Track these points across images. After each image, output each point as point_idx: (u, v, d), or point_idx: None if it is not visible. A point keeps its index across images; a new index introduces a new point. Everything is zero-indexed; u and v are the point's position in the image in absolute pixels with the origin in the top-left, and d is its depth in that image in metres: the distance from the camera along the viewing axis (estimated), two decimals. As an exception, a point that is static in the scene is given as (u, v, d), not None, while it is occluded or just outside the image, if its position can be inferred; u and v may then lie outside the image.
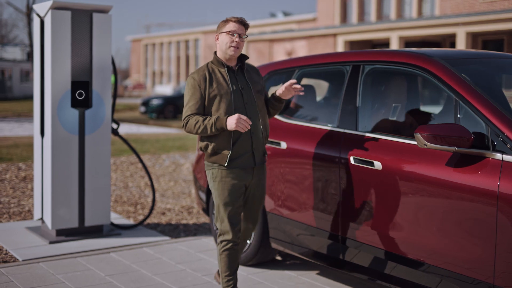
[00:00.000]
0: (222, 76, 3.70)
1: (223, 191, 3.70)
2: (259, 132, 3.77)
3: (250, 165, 3.73)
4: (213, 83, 3.67)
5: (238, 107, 3.68)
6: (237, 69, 3.79)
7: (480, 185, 3.16)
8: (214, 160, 3.70)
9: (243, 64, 3.81)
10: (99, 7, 5.45)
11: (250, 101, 3.74)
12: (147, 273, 4.62)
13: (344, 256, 4.01)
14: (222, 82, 3.68)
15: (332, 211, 4.02)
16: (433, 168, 3.39)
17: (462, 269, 3.28)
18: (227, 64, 3.74)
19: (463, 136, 3.21)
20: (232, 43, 3.65)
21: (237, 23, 3.67)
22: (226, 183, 3.69)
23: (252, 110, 3.74)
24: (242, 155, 3.69)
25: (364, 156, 3.78)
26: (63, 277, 4.46)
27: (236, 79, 3.75)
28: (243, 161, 3.71)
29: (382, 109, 4.07)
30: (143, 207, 7.03)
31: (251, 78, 3.82)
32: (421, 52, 3.86)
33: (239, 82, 3.75)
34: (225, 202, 3.71)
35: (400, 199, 3.56)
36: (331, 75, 4.76)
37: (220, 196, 3.71)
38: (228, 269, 3.76)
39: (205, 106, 3.68)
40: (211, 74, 3.70)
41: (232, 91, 3.67)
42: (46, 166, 5.38)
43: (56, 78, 5.25)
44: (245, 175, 3.73)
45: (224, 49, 3.70)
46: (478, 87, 3.45)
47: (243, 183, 3.74)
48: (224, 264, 3.76)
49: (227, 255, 3.75)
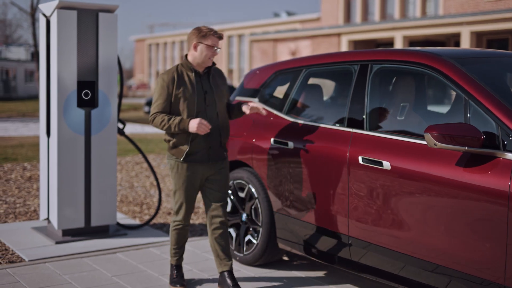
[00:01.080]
0: (189, 80, 4.11)
1: (178, 180, 4.17)
2: (216, 132, 4.16)
3: (205, 160, 4.15)
4: (180, 85, 4.07)
5: (200, 109, 4.09)
6: (204, 74, 4.17)
7: (491, 185, 3.13)
8: (173, 153, 4.17)
9: (210, 69, 4.20)
10: (105, 7, 5.44)
11: (211, 104, 4.15)
12: (154, 273, 4.60)
13: (351, 256, 3.99)
14: (189, 86, 4.09)
15: (340, 211, 4.00)
16: (443, 168, 3.36)
17: (472, 269, 3.26)
18: (195, 69, 4.12)
19: (474, 135, 3.18)
20: (212, 56, 4.11)
21: (218, 38, 4.14)
22: (181, 174, 4.15)
23: (212, 112, 4.15)
24: (198, 151, 4.12)
25: (372, 156, 3.76)
26: (69, 277, 4.45)
27: (201, 83, 4.14)
28: (198, 156, 4.13)
29: (391, 108, 4.04)
30: (149, 207, 7.02)
31: (215, 83, 4.22)
32: (430, 51, 3.84)
33: (204, 86, 4.14)
34: (179, 190, 4.19)
35: (409, 199, 3.54)
36: (339, 74, 4.74)
37: (176, 185, 4.19)
38: (176, 244, 4.37)
39: (171, 105, 4.09)
40: (180, 77, 4.10)
41: (196, 95, 4.08)
42: (52, 166, 5.37)
43: (62, 78, 5.24)
44: (200, 168, 4.16)
45: (203, 59, 4.11)
46: (488, 86, 3.42)
47: (198, 175, 4.17)
48: (173, 240, 4.36)
49: (177, 233, 4.33)
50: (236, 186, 4.91)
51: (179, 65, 4.17)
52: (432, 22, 25.86)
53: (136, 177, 9.18)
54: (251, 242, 4.79)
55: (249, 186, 4.76)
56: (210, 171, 4.20)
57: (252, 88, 5.16)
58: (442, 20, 25.40)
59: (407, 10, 33.86)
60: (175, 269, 4.40)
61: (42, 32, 5.52)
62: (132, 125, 20.69)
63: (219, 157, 4.22)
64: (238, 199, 4.92)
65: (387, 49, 4.15)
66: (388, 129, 3.85)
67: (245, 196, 4.83)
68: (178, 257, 4.40)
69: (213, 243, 4.25)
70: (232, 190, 4.95)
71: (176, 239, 4.35)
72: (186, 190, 4.18)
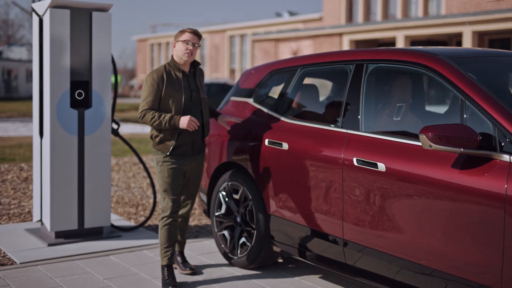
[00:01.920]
0: (177, 79, 4.32)
1: (164, 173, 4.36)
2: (200, 128, 4.43)
3: (189, 154, 4.39)
4: (169, 84, 4.29)
5: (187, 107, 4.32)
6: (190, 73, 4.40)
7: (487, 188, 3.05)
8: (159, 148, 4.36)
9: (196, 69, 4.44)
10: (99, 6, 5.37)
11: (196, 102, 4.39)
12: (147, 276, 4.53)
13: (346, 260, 3.91)
14: (176, 84, 4.31)
15: (335, 214, 3.92)
16: (438, 170, 3.28)
17: (468, 274, 3.18)
18: (182, 69, 4.34)
19: (470, 137, 3.10)
20: (187, 50, 4.28)
21: (192, 33, 4.32)
22: (167, 168, 4.35)
23: (197, 110, 4.40)
24: (182, 145, 4.36)
25: (367, 157, 3.68)
26: (60, 281, 4.38)
27: (188, 82, 4.37)
28: (183, 150, 4.37)
29: (386, 109, 3.96)
30: (145, 209, 6.95)
31: (200, 82, 4.47)
32: (426, 50, 3.75)
33: (191, 85, 4.38)
34: (166, 184, 4.35)
35: (404, 202, 3.46)
36: (334, 74, 4.65)
37: (163, 178, 4.36)
38: (167, 242, 4.40)
39: (160, 102, 4.29)
40: (168, 75, 4.31)
41: (183, 93, 4.30)
42: (45, 167, 5.30)
43: (55, 78, 5.17)
44: (183, 161, 4.38)
45: (180, 55, 4.32)
46: (485, 87, 3.34)
47: (182, 167, 4.39)
48: (164, 237, 4.39)
49: (167, 229, 4.39)
50: (231, 188, 4.83)
51: (166, 64, 4.39)
52: (434, 22, 25.77)
53: (133, 177, 9.11)
54: (245, 244, 4.72)
55: (244, 188, 4.68)
56: (191, 164, 4.46)
57: (247, 88, 5.08)
58: (444, 20, 25.31)
59: (409, 10, 33.76)
60: (166, 270, 4.39)
61: (35, 32, 5.45)
62: (133, 125, 20.63)
63: (200, 151, 4.50)
64: (233, 201, 4.84)
65: (383, 49, 4.07)
66: (384, 130, 3.77)
67: (240, 198, 4.75)
68: (169, 256, 4.41)
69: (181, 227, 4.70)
70: (227, 192, 4.87)
71: (167, 236, 4.39)
72: (171, 183, 4.35)
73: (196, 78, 4.43)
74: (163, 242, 4.40)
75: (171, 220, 4.38)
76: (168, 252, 4.40)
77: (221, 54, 51.87)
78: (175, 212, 4.39)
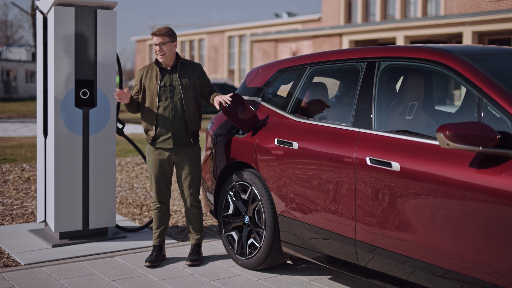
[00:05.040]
0: (155, 75, 4.73)
1: (149, 164, 4.80)
2: (181, 121, 4.70)
3: (170, 146, 4.69)
4: (148, 79, 4.73)
5: (163, 100, 4.68)
6: (172, 69, 4.73)
7: (506, 187, 2.98)
8: (147, 139, 4.81)
9: (178, 65, 4.74)
10: (104, 3, 5.30)
11: (176, 95, 4.69)
12: (154, 278, 4.46)
13: (358, 261, 3.84)
14: (154, 79, 4.72)
15: (347, 214, 3.85)
16: (455, 169, 3.21)
17: (484, 274, 3.11)
18: (161, 65, 4.73)
19: (488, 135, 3.04)
20: (156, 52, 4.67)
21: (156, 36, 4.67)
22: (151, 158, 4.77)
23: (178, 103, 4.69)
24: (162, 136, 4.69)
25: (381, 156, 3.61)
26: (66, 282, 4.30)
27: (169, 77, 4.71)
28: (164, 142, 4.70)
29: (399, 107, 3.89)
30: (149, 209, 6.88)
31: (183, 76, 4.73)
32: (441, 47, 3.69)
33: (172, 80, 4.71)
34: (151, 174, 4.78)
35: (419, 202, 3.39)
36: (345, 72, 4.58)
37: (150, 169, 4.79)
38: (155, 224, 4.89)
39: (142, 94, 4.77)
40: (149, 72, 4.76)
41: (159, 87, 4.68)
42: (49, 167, 5.23)
43: (59, 77, 5.10)
44: (166, 153, 4.72)
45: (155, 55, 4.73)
46: (502, 84, 3.27)
47: (166, 159, 4.73)
48: (154, 221, 4.90)
49: (154, 214, 4.89)
50: (239, 188, 4.76)
51: (152, 62, 4.79)
52: (434, 22, 25.74)
53: (136, 178, 9.04)
54: (254, 245, 4.65)
55: (252, 187, 4.61)
56: (176, 157, 4.74)
57: (255, 87, 5.01)
58: (444, 20, 25.28)
59: (408, 10, 33.74)
60: (153, 248, 4.87)
61: (39, 30, 5.38)
62: (133, 125, 20.56)
63: (183, 144, 4.73)
64: (241, 201, 4.77)
65: (396, 46, 4.01)
66: (397, 129, 3.70)
67: (248, 198, 4.69)
68: (156, 237, 4.88)
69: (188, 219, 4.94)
70: (235, 192, 4.81)
71: (156, 220, 4.88)
72: (154, 172, 4.76)
73: (178, 73, 4.72)
74: (154, 224, 4.90)
75: (158, 206, 4.85)
76: (156, 234, 4.88)
77: (220, 54, 51.80)
78: (161, 200, 4.82)
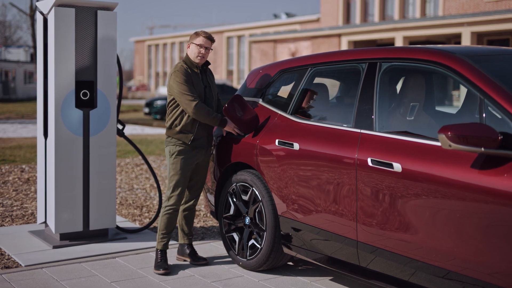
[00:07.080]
0: (196, 75, 4.63)
1: (177, 165, 4.60)
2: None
3: (204, 146, 4.69)
4: (193, 79, 4.60)
5: (205, 101, 4.64)
6: (202, 71, 4.71)
7: (508, 188, 2.98)
8: (179, 137, 4.60)
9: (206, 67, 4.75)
10: (104, 4, 5.29)
11: (210, 97, 4.72)
12: (155, 279, 4.45)
13: (360, 262, 3.84)
14: (198, 80, 4.63)
15: (348, 215, 3.85)
16: (457, 170, 3.21)
17: (486, 275, 3.11)
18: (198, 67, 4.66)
19: (491, 136, 3.03)
20: (199, 53, 4.60)
21: (205, 38, 4.62)
22: (181, 160, 4.61)
23: (211, 104, 4.72)
24: (200, 138, 4.65)
25: (382, 157, 3.61)
26: (67, 284, 4.30)
27: (202, 79, 4.68)
28: (200, 143, 4.66)
29: (401, 108, 3.89)
30: (149, 210, 6.87)
31: (211, 79, 4.79)
32: (442, 48, 3.69)
33: (204, 81, 4.69)
34: (177, 176, 4.61)
35: (421, 203, 3.39)
36: (346, 73, 4.58)
37: (175, 170, 4.61)
38: (165, 228, 4.68)
39: None
40: (192, 72, 4.61)
41: (202, 88, 4.64)
42: (50, 168, 5.22)
43: (59, 78, 5.10)
44: (197, 154, 4.67)
45: (193, 57, 4.63)
46: (504, 85, 3.27)
47: (194, 160, 4.66)
48: (163, 224, 4.67)
49: (168, 218, 4.66)
50: (240, 189, 4.76)
51: (182, 62, 4.67)
52: (432, 23, 25.76)
53: (136, 179, 9.03)
54: (254, 246, 4.64)
55: (253, 188, 4.61)
56: (201, 156, 4.72)
57: (256, 88, 5.01)
58: (443, 20, 25.29)
59: (406, 11, 33.77)
60: (160, 254, 4.66)
61: (39, 31, 5.37)
62: (132, 126, 20.56)
63: (210, 144, 4.80)
64: (242, 202, 4.77)
65: (397, 47, 4.01)
66: (399, 130, 3.70)
67: (249, 199, 4.68)
68: (165, 242, 4.69)
69: (181, 220, 4.87)
70: (236, 193, 4.80)
71: (166, 224, 4.67)
72: (182, 176, 4.62)
73: (207, 76, 4.74)
74: (161, 228, 4.67)
75: (173, 210, 4.66)
76: (165, 238, 4.68)
77: (218, 55, 51.80)
78: (179, 204, 4.67)
